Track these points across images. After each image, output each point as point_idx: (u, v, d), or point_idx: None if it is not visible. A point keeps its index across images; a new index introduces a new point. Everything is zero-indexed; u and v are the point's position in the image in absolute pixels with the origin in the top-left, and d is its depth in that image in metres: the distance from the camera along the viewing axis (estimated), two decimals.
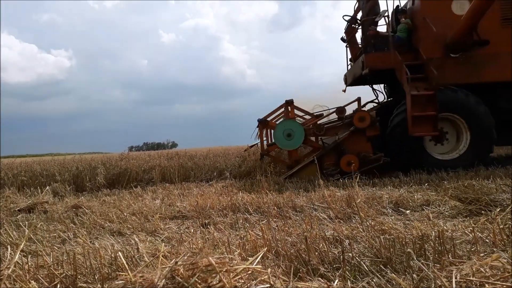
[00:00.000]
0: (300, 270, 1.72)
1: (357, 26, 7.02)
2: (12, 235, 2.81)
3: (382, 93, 7.38)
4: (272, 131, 6.35)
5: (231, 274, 1.22)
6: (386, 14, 6.54)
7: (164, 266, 1.32)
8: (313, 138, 6.44)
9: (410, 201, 3.38)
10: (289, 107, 6.52)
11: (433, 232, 2.14)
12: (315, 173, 5.26)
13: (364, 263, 1.78)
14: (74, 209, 4.17)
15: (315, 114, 6.84)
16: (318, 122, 6.47)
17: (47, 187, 6.01)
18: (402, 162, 5.63)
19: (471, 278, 1.32)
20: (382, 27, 7.26)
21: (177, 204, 4.05)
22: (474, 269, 1.36)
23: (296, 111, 6.71)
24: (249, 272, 1.28)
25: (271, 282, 1.26)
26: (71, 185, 6.53)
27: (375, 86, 7.42)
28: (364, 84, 7.39)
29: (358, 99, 6.55)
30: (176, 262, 1.27)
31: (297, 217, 3.10)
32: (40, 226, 3.29)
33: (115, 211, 3.83)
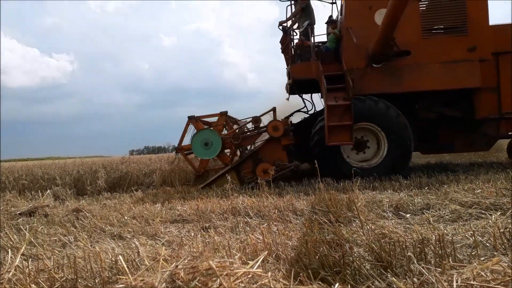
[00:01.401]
0: (301, 274, 1.72)
1: (288, 36, 7.00)
2: (12, 239, 2.82)
3: (310, 102, 7.41)
4: (191, 136, 6.35)
5: (232, 277, 1.22)
6: (310, 24, 6.68)
7: (164, 269, 1.32)
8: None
9: (411, 204, 3.38)
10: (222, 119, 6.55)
11: (433, 236, 2.13)
12: (235, 182, 5.40)
13: (364, 266, 1.78)
14: (75, 213, 4.18)
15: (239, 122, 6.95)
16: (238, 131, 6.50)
17: (48, 190, 6.02)
18: (324, 169, 5.58)
19: (471, 282, 1.32)
20: (322, 36, 7.44)
21: (177, 207, 4.06)
22: (474, 273, 1.36)
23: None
24: (250, 276, 1.28)
25: (272, 286, 1.26)
26: (72, 189, 6.53)
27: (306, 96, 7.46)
28: (295, 94, 7.41)
29: (273, 109, 6.60)
30: (177, 266, 1.27)
31: (298, 221, 3.10)
32: (41, 230, 3.29)
33: (115, 214, 3.83)
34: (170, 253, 2.14)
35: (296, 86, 6.87)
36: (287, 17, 6.99)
